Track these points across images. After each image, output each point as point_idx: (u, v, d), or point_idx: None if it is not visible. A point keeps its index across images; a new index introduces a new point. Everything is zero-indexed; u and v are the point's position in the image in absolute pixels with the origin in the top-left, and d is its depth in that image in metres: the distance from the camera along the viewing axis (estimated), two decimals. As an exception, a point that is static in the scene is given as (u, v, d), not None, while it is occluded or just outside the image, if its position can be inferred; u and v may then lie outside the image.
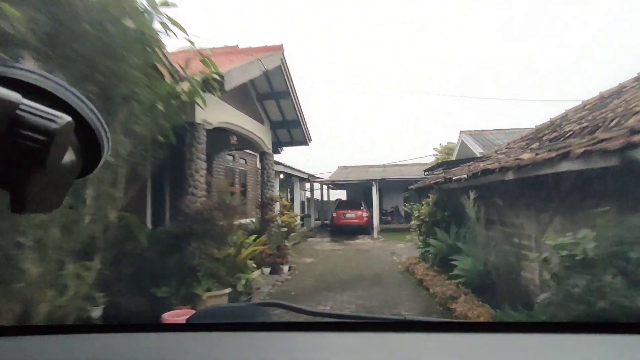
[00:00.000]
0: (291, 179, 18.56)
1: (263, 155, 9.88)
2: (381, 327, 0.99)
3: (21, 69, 0.41)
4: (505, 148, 9.03)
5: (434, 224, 8.53)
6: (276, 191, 14.29)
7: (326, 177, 24.07)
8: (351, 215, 18.69)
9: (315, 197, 28.64)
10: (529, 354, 0.82)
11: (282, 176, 18.29)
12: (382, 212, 22.55)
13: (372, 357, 0.85)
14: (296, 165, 17.45)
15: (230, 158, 12.11)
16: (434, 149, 21.17)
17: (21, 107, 0.36)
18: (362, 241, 16.76)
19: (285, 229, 11.11)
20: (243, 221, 10.86)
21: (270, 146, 9.93)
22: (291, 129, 11.20)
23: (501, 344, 0.88)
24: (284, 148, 13.49)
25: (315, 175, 20.55)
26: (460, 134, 17.11)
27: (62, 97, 0.42)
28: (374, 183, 18.31)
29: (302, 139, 11.72)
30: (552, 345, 0.85)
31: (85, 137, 0.44)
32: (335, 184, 23.56)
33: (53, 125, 0.37)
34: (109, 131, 0.46)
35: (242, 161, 12.70)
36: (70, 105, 0.42)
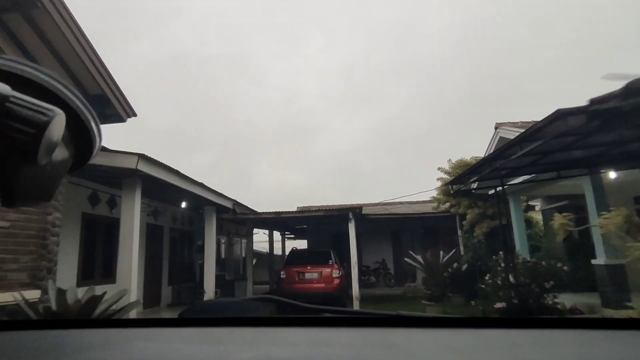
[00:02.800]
0: (201, 210, 10.37)
1: None
2: (376, 323, 0.98)
3: (11, 61, 0.39)
4: None
5: None
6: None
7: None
8: (313, 276, 10.58)
9: (258, 249, 20.44)
10: (524, 349, 0.79)
11: (183, 204, 10.15)
12: (362, 270, 14.61)
13: (367, 352, 0.80)
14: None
15: None
16: (439, 168, 14.00)
17: (11, 99, 0.34)
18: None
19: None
20: None
21: None
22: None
23: (496, 339, 0.86)
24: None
25: (250, 207, 12.32)
26: (496, 128, 10.20)
27: (54, 90, 0.40)
28: (350, 218, 10.43)
29: None
30: (548, 341, 0.83)
31: (77, 131, 0.43)
32: (286, 224, 15.34)
33: (44, 118, 0.35)
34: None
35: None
36: (61, 98, 0.41)
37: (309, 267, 10.70)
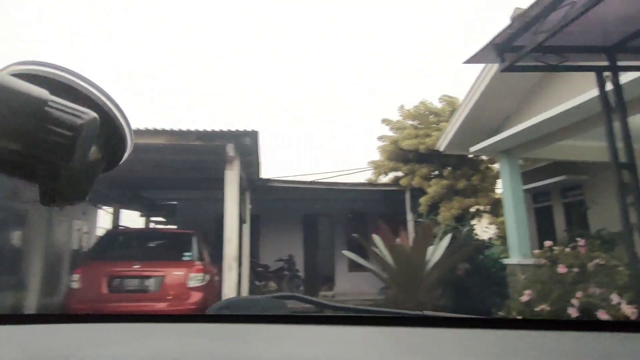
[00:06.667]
0: None
1: None
2: (398, 322, 0.99)
3: (49, 67, 0.41)
4: None
5: None
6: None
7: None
8: (143, 284, 5.11)
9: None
10: (550, 352, 0.79)
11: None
12: (257, 272, 9.44)
13: (389, 351, 0.83)
14: None
15: None
16: (384, 120, 9.40)
17: (49, 103, 0.36)
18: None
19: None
20: None
21: None
22: None
23: (521, 341, 0.86)
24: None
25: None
26: None
27: (89, 94, 0.42)
28: (231, 156, 5.04)
29: None
30: (576, 344, 0.83)
31: (110, 132, 0.44)
32: (138, 196, 9.17)
33: (79, 121, 0.37)
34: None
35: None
36: (96, 102, 0.42)
37: (137, 267, 5.19)
